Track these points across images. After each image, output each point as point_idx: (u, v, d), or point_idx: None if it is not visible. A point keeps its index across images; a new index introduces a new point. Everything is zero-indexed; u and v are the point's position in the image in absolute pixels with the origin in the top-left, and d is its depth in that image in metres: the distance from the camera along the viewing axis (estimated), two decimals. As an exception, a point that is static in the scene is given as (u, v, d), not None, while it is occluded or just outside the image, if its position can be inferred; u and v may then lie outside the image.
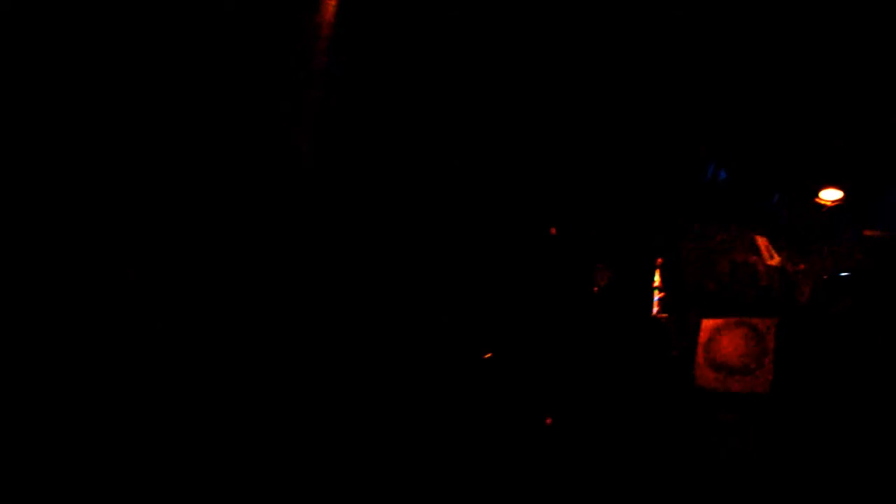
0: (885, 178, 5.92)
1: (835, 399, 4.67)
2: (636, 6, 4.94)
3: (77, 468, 2.59)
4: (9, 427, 2.52)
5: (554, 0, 4.62)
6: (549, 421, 3.81)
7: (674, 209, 5.68)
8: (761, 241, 6.11)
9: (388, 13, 4.10)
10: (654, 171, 5.46)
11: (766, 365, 4.76)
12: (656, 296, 4.87)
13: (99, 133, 3.11)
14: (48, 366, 2.69)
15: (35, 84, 2.96)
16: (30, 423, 2.58)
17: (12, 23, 2.87)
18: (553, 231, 4.21)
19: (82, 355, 2.80)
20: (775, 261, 6.08)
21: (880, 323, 5.38)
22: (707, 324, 5.06)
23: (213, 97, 3.47)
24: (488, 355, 3.81)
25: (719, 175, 6.32)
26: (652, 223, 5.07)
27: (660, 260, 4.83)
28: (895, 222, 5.79)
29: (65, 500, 2.52)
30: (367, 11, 3.99)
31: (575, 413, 4.25)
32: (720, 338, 4.98)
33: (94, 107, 3.14)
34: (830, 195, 6.00)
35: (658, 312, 5.01)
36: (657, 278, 5.16)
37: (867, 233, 5.75)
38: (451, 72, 4.25)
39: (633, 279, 4.63)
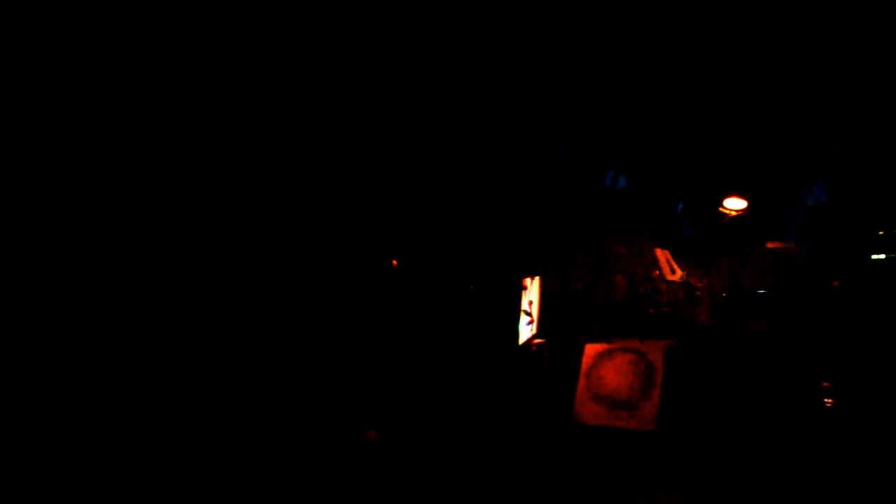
0: (789, 189, 5.51)
1: (731, 432, 4.14)
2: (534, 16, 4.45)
3: (77, 468, 2.60)
4: (9, 427, 2.55)
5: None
6: (372, 434, 3.16)
7: (562, 218, 5.10)
8: (662, 255, 5.61)
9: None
10: (537, 174, 4.85)
11: (652, 398, 4.17)
12: (526, 321, 4.23)
13: (107, 135, 3.13)
14: (49, 366, 2.70)
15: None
16: (30, 423, 2.61)
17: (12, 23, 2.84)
18: (395, 263, 3.61)
19: (82, 356, 2.80)
20: (677, 275, 5.57)
21: (784, 341, 4.93)
22: (591, 349, 4.46)
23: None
24: None
25: (618, 182, 5.81)
26: (521, 235, 4.44)
27: (526, 280, 4.20)
28: (797, 233, 5.38)
29: (65, 500, 2.53)
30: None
31: (423, 457, 3.54)
32: (604, 365, 4.38)
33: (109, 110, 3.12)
34: (735, 204, 5.55)
35: (532, 338, 4.37)
36: (535, 299, 4.53)
37: (770, 244, 5.33)
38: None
39: (498, 302, 3.98)
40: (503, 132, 4.58)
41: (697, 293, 5.42)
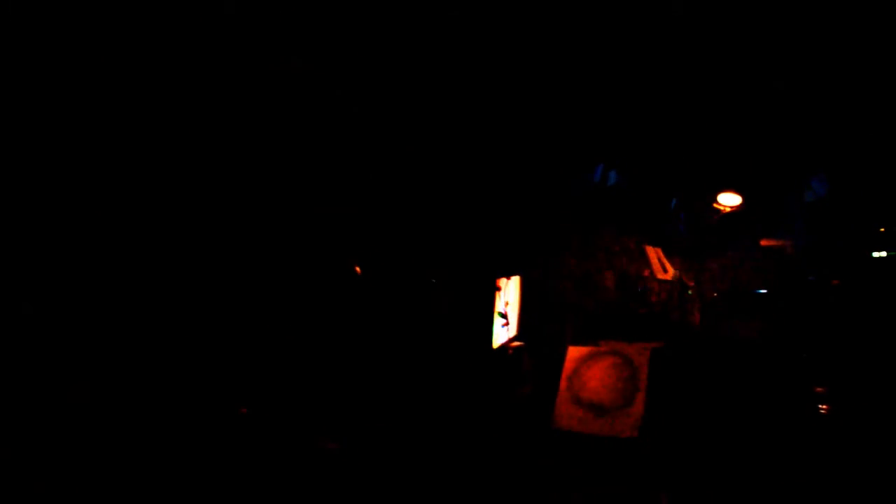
0: (786, 185, 5.29)
1: (720, 440, 3.95)
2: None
3: (78, 468, 2.59)
4: (9, 427, 2.53)
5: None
6: (331, 445, 3.01)
7: (547, 215, 4.90)
8: (654, 252, 5.40)
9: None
10: (521, 168, 4.65)
11: (636, 403, 3.98)
12: (501, 323, 4.05)
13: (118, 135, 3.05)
14: (49, 366, 2.67)
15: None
16: (30, 423, 2.59)
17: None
18: (358, 270, 3.45)
19: (82, 356, 2.77)
20: (669, 274, 5.36)
21: (779, 343, 4.73)
22: (573, 352, 4.27)
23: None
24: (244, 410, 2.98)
25: (609, 177, 5.60)
26: (498, 233, 4.25)
27: (501, 280, 4.00)
28: (794, 230, 5.16)
29: (65, 499, 2.53)
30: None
31: (397, 468, 3.37)
32: (587, 369, 4.19)
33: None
34: (729, 200, 5.33)
35: (509, 341, 4.18)
36: (513, 300, 4.34)
37: (764, 242, 5.11)
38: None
39: (470, 304, 3.80)
40: (484, 124, 4.40)
41: (690, 292, 5.22)
